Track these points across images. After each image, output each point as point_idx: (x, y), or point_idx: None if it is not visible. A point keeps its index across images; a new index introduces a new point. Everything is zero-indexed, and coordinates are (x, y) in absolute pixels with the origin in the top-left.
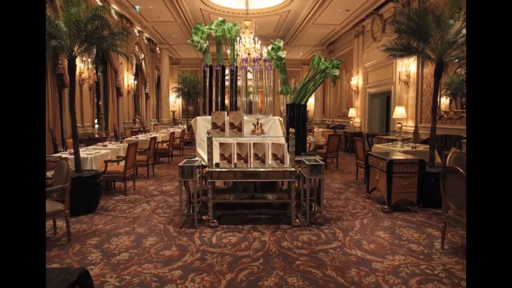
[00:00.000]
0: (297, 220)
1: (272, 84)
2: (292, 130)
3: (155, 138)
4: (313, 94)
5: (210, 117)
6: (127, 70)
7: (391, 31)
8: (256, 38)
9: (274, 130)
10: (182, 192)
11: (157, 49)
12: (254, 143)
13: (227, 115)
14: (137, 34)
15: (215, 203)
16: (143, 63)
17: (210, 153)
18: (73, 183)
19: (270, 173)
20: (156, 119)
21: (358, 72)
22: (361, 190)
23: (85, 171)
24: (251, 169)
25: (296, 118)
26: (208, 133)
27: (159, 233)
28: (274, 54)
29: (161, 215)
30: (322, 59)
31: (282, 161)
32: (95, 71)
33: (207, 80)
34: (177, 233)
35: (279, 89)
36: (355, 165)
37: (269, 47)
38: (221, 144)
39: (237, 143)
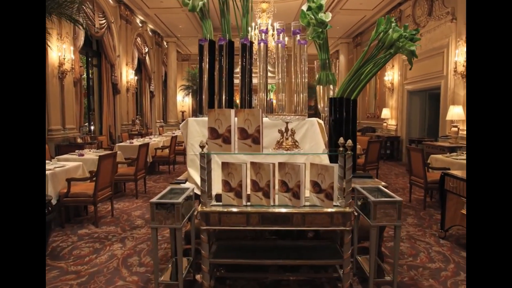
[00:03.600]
0: None
1: (305, 65)
2: (348, 142)
3: (147, 144)
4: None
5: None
6: (126, 64)
7: (444, 13)
8: (276, 24)
9: (312, 139)
10: (156, 247)
11: (164, 43)
12: (280, 164)
13: (235, 116)
14: (140, 25)
15: (214, 263)
16: (147, 58)
17: (205, 181)
18: None
19: (309, 216)
20: (162, 120)
21: (393, 66)
22: (424, 221)
23: None
24: (276, 210)
25: (345, 121)
26: (202, 146)
27: None
28: (313, 17)
29: (134, 269)
30: (393, 24)
31: (329, 196)
32: (83, 63)
33: (206, 61)
34: None
35: (316, 76)
36: (408, 182)
37: (304, 7)
38: (224, 165)
39: (252, 163)
